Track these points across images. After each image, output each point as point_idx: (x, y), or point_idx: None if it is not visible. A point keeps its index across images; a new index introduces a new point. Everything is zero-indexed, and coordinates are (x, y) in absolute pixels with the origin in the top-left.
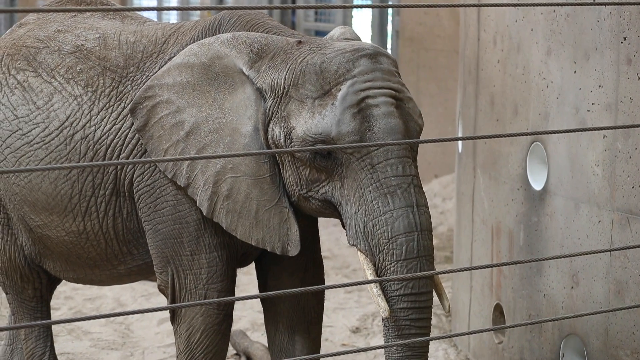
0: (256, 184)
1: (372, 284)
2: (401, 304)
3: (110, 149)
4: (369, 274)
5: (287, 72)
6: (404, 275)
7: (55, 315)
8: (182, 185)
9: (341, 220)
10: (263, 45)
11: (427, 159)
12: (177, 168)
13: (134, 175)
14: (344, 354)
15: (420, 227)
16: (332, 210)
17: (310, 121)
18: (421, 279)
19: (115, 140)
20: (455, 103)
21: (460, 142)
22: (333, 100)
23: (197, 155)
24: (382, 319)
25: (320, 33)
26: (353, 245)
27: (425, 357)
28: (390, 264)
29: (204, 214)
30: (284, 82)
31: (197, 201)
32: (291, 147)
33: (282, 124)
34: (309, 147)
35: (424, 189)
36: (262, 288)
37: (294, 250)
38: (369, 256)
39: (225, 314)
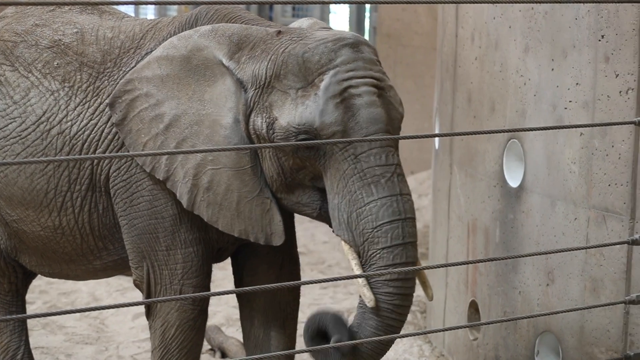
0: (237, 175)
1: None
2: (387, 288)
3: (86, 144)
4: (354, 264)
5: (268, 63)
6: (384, 271)
7: (29, 309)
8: (161, 179)
9: (316, 218)
10: (242, 36)
11: (404, 155)
12: (155, 161)
13: (110, 171)
14: (319, 349)
15: (404, 214)
16: (316, 199)
17: (294, 112)
18: (407, 266)
19: (91, 135)
20: (432, 100)
21: (437, 139)
22: (316, 90)
23: (173, 150)
24: (358, 306)
25: (293, 24)
26: (337, 235)
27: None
28: (376, 252)
29: (184, 206)
30: (266, 73)
31: (177, 194)
32: (274, 137)
33: (264, 115)
34: (292, 142)
35: None
36: (237, 283)
37: (278, 239)
38: (353, 246)
39: (200, 309)
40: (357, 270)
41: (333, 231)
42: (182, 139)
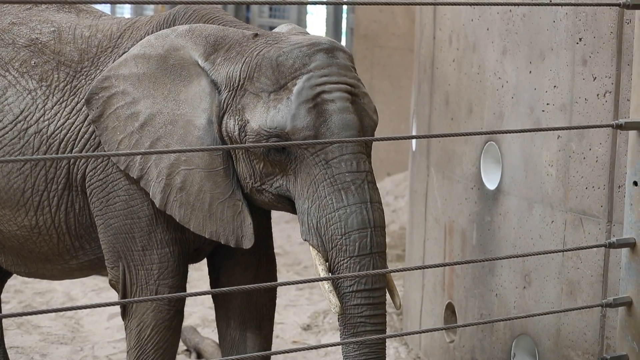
0: (209, 176)
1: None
2: (354, 300)
3: (63, 143)
4: (321, 270)
5: (242, 65)
6: (357, 273)
7: (4, 308)
8: (135, 177)
9: (295, 214)
10: (219, 38)
11: (380, 156)
12: (130, 159)
13: (87, 170)
14: (294, 351)
15: (373, 223)
16: (285, 204)
17: (265, 115)
18: (375, 275)
19: (68, 134)
20: (409, 101)
21: (414, 141)
22: (289, 94)
23: (151, 150)
24: (338, 318)
25: (274, 29)
26: (305, 240)
27: (383, 354)
28: (343, 260)
29: (157, 206)
30: (240, 75)
31: (150, 193)
32: (245, 140)
33: (237, 117)
34: (263, 143)
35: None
36: (213, 284)
37: (247, 242)
38: (322, 252)
39: (176, 309)
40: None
41: (301, 236)
42: (156, 138)
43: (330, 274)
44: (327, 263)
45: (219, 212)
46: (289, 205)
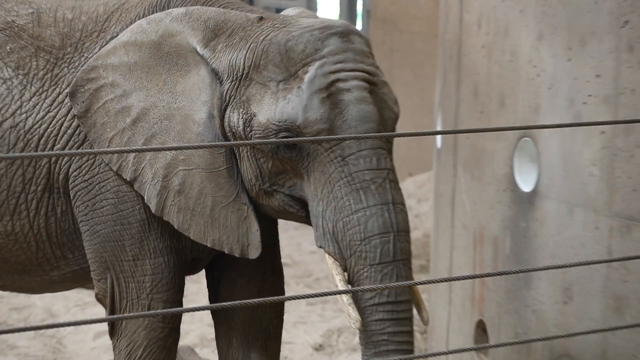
0: (211, 177)
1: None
2: (376, 314)
3: (43, 139)
4: (338, 280)
5: (247, 52)
6: (377, 285)
7: None
8: (128, 179)
9: (306, 222)
10: (220, 22)
11: (401, 154)
12: (122, 159)
13: (70, 169)
14: None
15: (396, 227)
16: (298, 208)
17: (274, 107)
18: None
19: (49, 129)
20: (433, 92)
21: (439, 137)
22: (299, 83)
23: (144, 147)
24: (359, 336)
25: (281, 11)
26: (320, 247)
27: None
28: (363, 268)
29: (153, 211)
30: (244, 63)
31: (145, 197)
32: (251, 136)
33: (241, 110)
34: (272, 139)
35: None
36: (213, 298)
37: (254, 252)
38: (339, 260)
39: (171, 327)
40: (341, 287)
41: (315, 242)
42: (151, 135)
43: (349, 285)
44: (345, 273)
45: (222, 217)
46: (301, 209)
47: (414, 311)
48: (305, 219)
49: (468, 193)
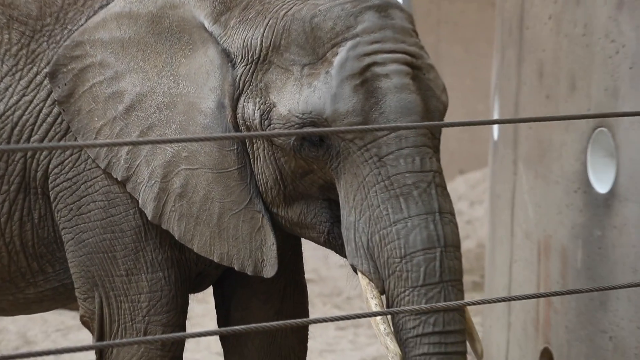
0: (219, 179)
1: (378, 319)
2: (420, 348)
3: (17, 128)
4: (374, 305)
5: (265, 29)
6: (420, 306)
7: None
8: (119, 179)
9: (327, 244)
10: None
11: (450, 148)
12: (113, 155)
13: (50, 166)
14: None
15: (444, 241)
16: (320, 220)
17: (297, 96)
18: (448, 313)
19: (24, 116)
20: (489, 73)
21: (495, 126)
22: (328, 67)
23: (139, 140)
24: None
25: None
26: (352, 265)
27: None
28: (404, 291)
29: (149, 218)
30: (261, 43)
31: (140, 201)
32: (270, 129)
33: (258, 99)
34: (294, 131)
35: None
36: (222, 321)
37: (269, 270)
38: (375, 280)
39: (172, 356)
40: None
41: (347, 259)
42: (147, 126)
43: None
44: (382, 296)
45: (231, 227)
46: (326, 222)
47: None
48: (326, 237)
49: (531, 194)
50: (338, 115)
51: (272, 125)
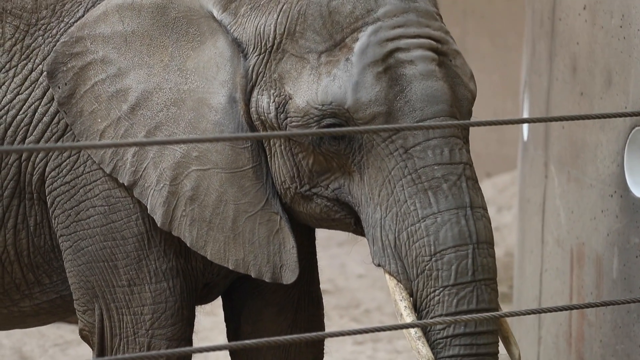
0: (233, 179)
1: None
2: (451, 349)
3: (11, 129)
4: (403, 308)
5: (278, 15)
6: (444, 318)
7: None
8: (125, 184)
9: (356, 231)
10: None
11: (476, 149)
12: (118, 158)
13: (47, 169)
14: None
15: (476, 237)
16: (345, 213)
17: (315, 85)
18: (480, 313)
19: (19, 116)
20: (519, 68)
21: (525, 126)
22: (348, 54)
23: (146, 141)
24: None
25: None
26: (379, 265)
27: None
28: (434, 291)
29: (159, 224)
30: (275, 30)
31: (149, 206)
32: (286, 124)
33: (273, 92)
34: (313, 130)
35: None
36: (232, 334)
37: (289, 275)
38: (403, 281)
39: None
40: (407, 317)
41: (373, 260)
42: (154, 126)
43: (416, 313)
44: (411, 298)
45: (247, 231)
46: (349, 215)
47: (501, 345)
48: (355, 227)
49: (563, 199)
50: (360, 105)
51: (288, 119)
